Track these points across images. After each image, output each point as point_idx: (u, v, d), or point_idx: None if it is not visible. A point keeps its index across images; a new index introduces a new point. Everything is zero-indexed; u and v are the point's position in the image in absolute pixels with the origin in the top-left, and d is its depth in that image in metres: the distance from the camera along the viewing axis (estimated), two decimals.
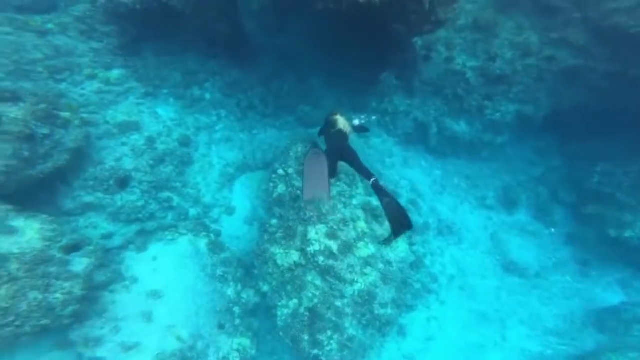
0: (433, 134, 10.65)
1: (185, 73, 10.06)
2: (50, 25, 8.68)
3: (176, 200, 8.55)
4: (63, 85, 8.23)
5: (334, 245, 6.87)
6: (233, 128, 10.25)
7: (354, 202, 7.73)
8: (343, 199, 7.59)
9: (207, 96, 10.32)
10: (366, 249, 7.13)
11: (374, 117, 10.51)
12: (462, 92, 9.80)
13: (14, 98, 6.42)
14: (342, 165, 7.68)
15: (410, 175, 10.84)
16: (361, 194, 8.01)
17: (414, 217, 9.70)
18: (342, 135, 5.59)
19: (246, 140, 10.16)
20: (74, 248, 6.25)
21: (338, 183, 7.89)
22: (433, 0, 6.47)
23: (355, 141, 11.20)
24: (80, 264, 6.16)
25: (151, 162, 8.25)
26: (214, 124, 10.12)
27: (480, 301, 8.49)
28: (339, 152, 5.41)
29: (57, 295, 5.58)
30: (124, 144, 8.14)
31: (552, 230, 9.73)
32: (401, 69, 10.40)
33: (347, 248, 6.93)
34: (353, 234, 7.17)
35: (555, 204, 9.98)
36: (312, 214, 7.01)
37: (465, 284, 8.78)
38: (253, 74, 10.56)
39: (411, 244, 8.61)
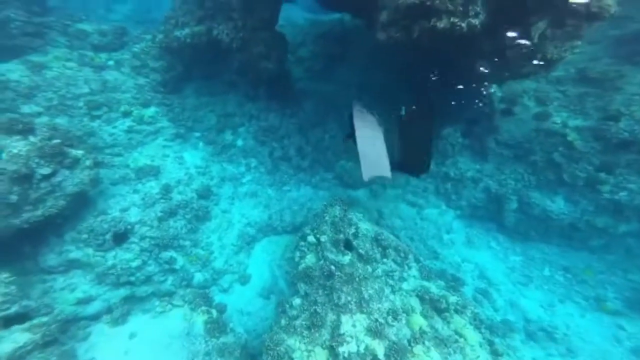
0: (510, 210, 8.14)
1: (221, 115, 9.41)
2: (110, 62, 9.02)
3: (181, 262, 7.17)
4: (96, 123, 7.93)
5: (378, 348, 4.89)
6: (261, 181, 9.02)
7: (405, 286, 5.83)
8: (390, 281, 5.78)
9: (239, 142, 9.40)
10: (426, 357, 4.94)
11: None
12: (562, 160, 7.36)
13: (26, 130, 5.89)
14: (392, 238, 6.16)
15: (476, 257, 8.45)
16: (415, 276, 6.13)
17: (486, 311, 7.40)
18: None
19: (274, 197, 8.81)
20: (19, 319, 4.94)
21: (384, 259, 6.12)
22: (545, 32, 4.73)
23: (405, 210, 9.35)
24: (12, 341, 4.73)
25: (160, 214, 7.15)
26: (241, 175, 9.04)
27: None
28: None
29: None
30: (136, 191, 7.25)
31: None
32: (470, 124, 8.44)
33: (399, 353, 4.85)
34: (406, 332, 5.13)
35: None
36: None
37: None
38: (292, 120, 9.51)
39: (496, 354, 5.96)
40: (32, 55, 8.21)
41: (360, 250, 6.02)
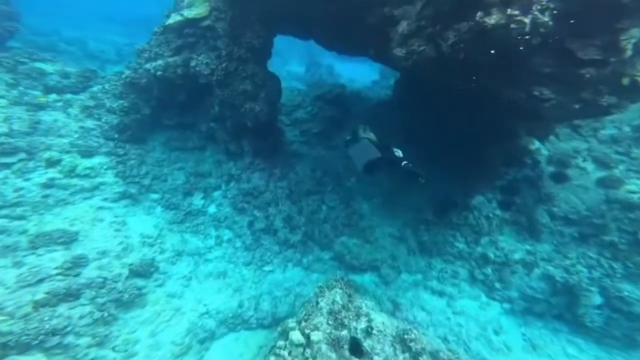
0: (592, 307, 5.75)
1: (192, 174, 7.35)
2: (59, 103, 7.19)
3: None
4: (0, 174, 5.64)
5: None
6: (235, 259, 6.57)
7: None
8: None
9: (211, 209, 7.15)
10: None
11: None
12: None
13: None
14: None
15: None
16: None
17: None
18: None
19: (250, 280, 6.35)
20: None
21: None
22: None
23: (430, 301, 6.71)
24: None
25: (43, 297, 4.38)
26: (207, 250, 6.58)
27: None
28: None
29: None
30: (18, 264, 4.59)
31: None
32: (509, 191, 6.67)
33: None
34: None
35: None
36: None
37: None
38: (281, 183, 7.53)
39: None
40: None
41: (377, 358, 4.10)
